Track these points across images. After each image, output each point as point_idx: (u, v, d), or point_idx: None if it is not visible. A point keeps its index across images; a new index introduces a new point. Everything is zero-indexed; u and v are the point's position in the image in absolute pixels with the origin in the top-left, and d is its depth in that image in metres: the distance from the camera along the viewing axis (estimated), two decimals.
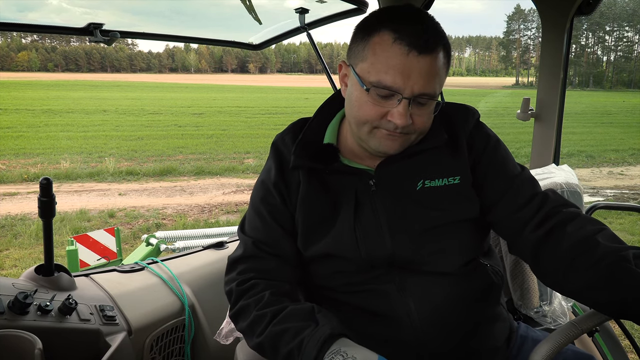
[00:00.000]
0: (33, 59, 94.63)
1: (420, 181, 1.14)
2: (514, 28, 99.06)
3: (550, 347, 0.97)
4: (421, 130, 1.10)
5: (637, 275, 0.90)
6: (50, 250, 1.45)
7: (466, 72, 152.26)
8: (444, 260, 1.12)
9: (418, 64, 1.01)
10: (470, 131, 1.18)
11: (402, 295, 1.12)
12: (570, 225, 1.04)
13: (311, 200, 1.16)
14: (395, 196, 1.14)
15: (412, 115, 1.04)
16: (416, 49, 1.00)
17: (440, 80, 1.06)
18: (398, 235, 1.12)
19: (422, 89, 1.02)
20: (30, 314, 1.26)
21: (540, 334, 1.30)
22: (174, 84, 51.08)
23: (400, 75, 1.01)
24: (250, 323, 1.08)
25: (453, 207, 1.13)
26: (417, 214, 1.12)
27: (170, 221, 7.56)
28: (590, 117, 25.11)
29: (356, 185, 1.15)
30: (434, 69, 1.03)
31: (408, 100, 1.02)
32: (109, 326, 1.42)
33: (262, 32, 2.57)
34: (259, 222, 1.20)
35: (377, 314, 1.13)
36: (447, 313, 1.12)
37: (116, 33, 1.97)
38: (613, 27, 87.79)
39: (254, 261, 1.17)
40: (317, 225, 1.16)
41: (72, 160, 12.02)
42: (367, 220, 1.13)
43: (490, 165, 1.16)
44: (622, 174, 11.65)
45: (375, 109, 1.05)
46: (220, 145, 15.09)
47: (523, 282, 1.68)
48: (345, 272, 1.15)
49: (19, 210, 7.77)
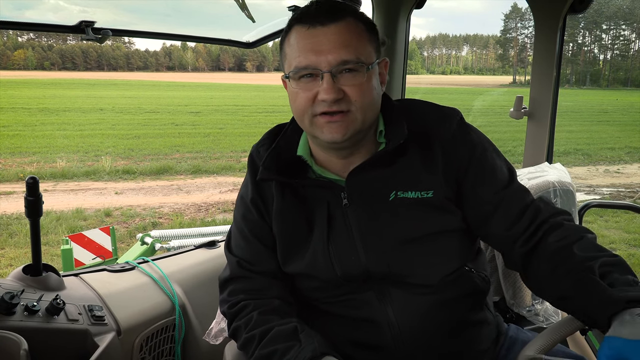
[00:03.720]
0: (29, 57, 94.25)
1: (393, 192, 1.10)
2: (511, 26, 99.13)
3: (543, 343, 0.97)
4: (360, 104, 1.04)
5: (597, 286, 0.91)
6: (37, 249, 1.43)
7: (463, 71, 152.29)
8: (425, 272, 1.10)
9: (325, 36, 1.02)
10: (450, 138, 1.11)
11: (382, 304, 1.11)
12: (552, 236, 1.04)
13: (285, 215, 1.15)
14: (368, 210, 1.11)
15: (344, 88, 1.03)
16: (317, 23, 1.02)
17: (363, 46, 1.05)
18: (371, 251, 1.10)
19: (339, 57, 1.01)
20: (17, 314, 1.25)
21: (530, 334, 1.30)
22: (171, 83, 50.96)
23: (311, 52, 1.02)
24: (242, 345, 1.11)
25: (430, 218, 1.09)
26: (391, 227, 1.09)
27: (167, 220, 7.55)
28: (587, 115, 25.14)
29: (328, 198, 1.13)
30: (345, 35, 1.02)
31: (329, 73, 1.01)
32: (98, 326, 1.41)
33: (256, 30, 2.56)
34: (242, 241, 1.21)
35: (359, 322, 1.13)
36: (428, 321, 1.11)
37: (108, 31, 1.96)
38: (610, 25, 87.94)
39: (241, 282, 1.18)
40: (293, 241, 1.15)
41: (69, 159, 11.99)
42: (340, 237, 1.12)
43: (478, 177, 1.11)
44: (618, 172, 11.67)
45: (305, 95, 1.05)
46: (217, 144, 15.07)
47: (515, 281, 1.68)
48: (324, 287, 1.15)
49: (15, 209, 7.75)
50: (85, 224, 7.18)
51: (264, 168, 1.14)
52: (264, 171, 1.14)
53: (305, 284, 1.18)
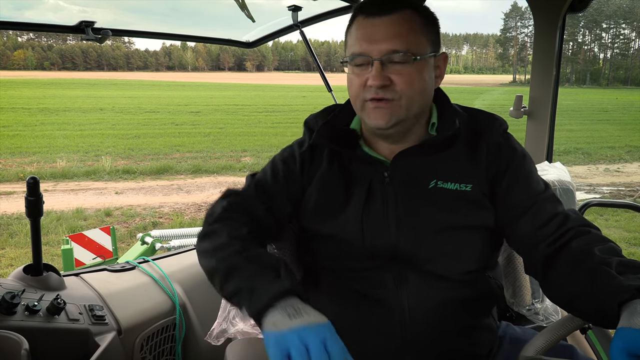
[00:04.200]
0: (29, 57, 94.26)
1: (433, 181, 1.14)
2: (511, 25, 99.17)
3: (542, 343, 0.98)
4: (407, 93, 1.09)
5: (608, 276, 0.91)
6: (38, 249, 1.43)
7: (463, 70, 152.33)
8: (446, 264, 1.12)
9: (380, 26, 1.08)
10: (495, 141, 1.17)
11: (399, 290, 1.13)
12: (575, 241, 1.04)
13: (328, 181, 1.20)
14: (407, 191, 1.15)
15: (392, 76, 1.08)
16: (374, 13, 1.09)
17: (415, 38, 1.10)
18: (403, 229, 1.13)
19: (389, 47, 1.07)
20: (18, 314, 1.25)
21: (528, 333, 1.30)
22: (170, 82, 50.98)
23: (366, 40, 1.09)
24: (217, 246, 1.06)
25: (463, 211, 1.13)
26: (426, 213, 1.13)
27: (167, 220, 7.55)
28: (587, 114, 25.15)
29: (371, 175, 1.18)
30: (399, 27, 1.08)
31: (380, 62, 1.07)
32: (98, 326, 1.41)
33: (256, 30, 2.56)
34: (270, 175, 1.24)
35: (372, 302, 1.15)
36: (439, 315, 1.12)
37: (108, 31, 1.97)
38: (610, 24, 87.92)
39: (247, 201, 1.20)
40: (328, 205, 1.20)
41: (69, 159, 11.98)
42: (375, 210, 1.15)
43: (515, 180, 1.14)
44: (618, 170, 11.67)
45: (357, 80, 1.11)
46: (217, 144, 15.07)
47: (515, 280, 1.68)
48: (348, 256, 1.18)
49: (15, 209, 7.75)
50: (85, 224, 7.18)
51: (318, 134, 1.20)
52: (317, 137, 1.20)
53: (328, 249, 1.21)
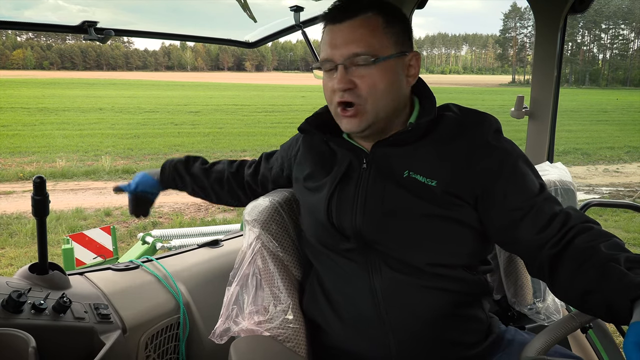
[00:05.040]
0: (28, 57, 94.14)
1: (407, 171, 1.17)
2: (511, 26, 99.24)
3: (542, 343, 0.98)
4: (371, 95, 1.13)
5: (619, 273, 0.91)
6: (44, 248, 1.44)
7: (462, 70, 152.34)
8: (412, 252, 1.15)
9: (340, 32, 1.13)
10: (484, 141, 1.16)
11: (371, 277, 1.17)
12: (579, 238, 1.03)
13: (313, 156, 1.33)
14: (381, 178, 1.19)
15: (355, 79, 1.13)
16: (334, 21, 1.15)
17: (377, 40, 1.13)
18: (368, 212, 1.18)
19: (349, 51, 1.12)
20: (24, 312, 1.26)
21: (528, 336, 1.30)
22: (170, 82, 50.94)
23: (329, 46, 1.15)
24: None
25: (430, 204, 1.14)
26: (394, 199, 1.16)
27: (167, 219, 7.55)
28: (586, 114, 25.17)
29: (351, 159, 1.24)
30: (359, 30, 1.12)
31: (343, 66, 1.12)
32: (104, 324, 1.42)
33: (257, 30, 2.57)
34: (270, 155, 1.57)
35: (345, 288, 1.22)
36: (413, 304, 1.16)
37: (110, 31, 1.97)
38: (609, 25, 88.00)
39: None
40: (313, 179, 1.31)
41: (68, 159, 11.97)
42: (347, 193, 1.22)
43: (511, 182, 1.13)
44: (617, 171, 11.69)
45: (328, 85, 1.18)
46: (217, 144, 15.06)
47: (517, 279, 1.69)
48: (322, 233, 1.26)
49: (15, 209, 7.74)
50: (85, 224, 7.18)
51: (306, 121, 1.31)
52: (305, 123, 1.31)
53: (309, 222, 1.33)
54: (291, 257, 1.42)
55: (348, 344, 1.23)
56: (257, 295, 1.35)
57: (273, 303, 1.33)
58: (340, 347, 1.26)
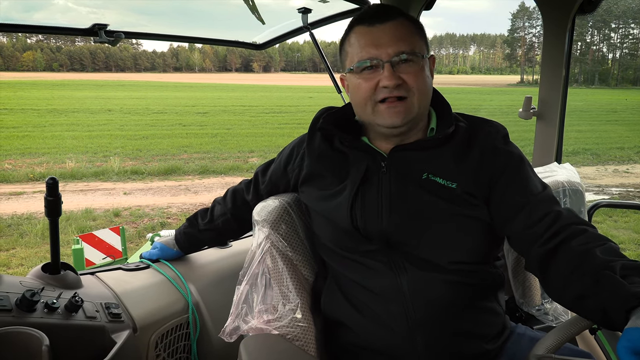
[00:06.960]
0: (38, 58, 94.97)
1: (425, 173, 1.21)
2: (519, 26, 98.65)
3: (552, 342, 0.99)
4: (418, 89, 1.18)
5: (616, 282, 0.92)
6: (56, 248, 1.46)
7: (470, 71, 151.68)
8: (436, 251, 1.19)
9: (384, 31, 1.17)
10: (492, 146, 1.22)
11: (396, 276, 1.20)
12: (574, 241, 1.06)
13: (326, 159, 1.32)
14: (402, 180, 1.22)
15: (402, 75, 1.17)
16: (377, 21, 1.18)
17: (415, 41, 1.19)
18: (394, 215, 1.20)
19: (397, 49, 1.16)
20: (38, 311, 1.27)
21: (538, 334, 1.32)
22: (178, 83, 51.17)
23: (373, 46, 1.17)
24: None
25: (454, 202, 1.19)
26: (417, 201, 1.19)
27: (175, 220, 7.60)
28: (596, 114, 24.97)
29: (369, 163, 1.26)
30: (402, 31, 1.18)
31: (389, 63, 1.16)
32: (115, 323, 1.44)
33: (265, 32, 2.59)
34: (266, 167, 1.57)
35: (369, 287, 1.24)
36: (439, 299, 1.18)
37: (120, 34, 1.99)
38: (619, 24, 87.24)
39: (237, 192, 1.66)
40: (326, 185, 1.31)
41: (78, 160, 12.08)
42: (369, 196, 1.23)
43: (511, 181, 1.19)
44: (627, 171, 11.59)
45: (368, 84, 1.19)
46: (225, 145, 15.12)
47: (525, 280, 1.69)
48: (340, 238, 1.27)
49: (25, 210, 7.83)
50: (94, 224, 7.24)
51: (323, 120, 1.33)
52: (322, 123, 1.32)
53: (326, 229, 1.33)
54: (300, 257, 1.44)
55: (371, 340, 1.26)
56: (266, 294, 1.36)
57: (282, 302, 1.34)
58: (361, 345, 1.28)
